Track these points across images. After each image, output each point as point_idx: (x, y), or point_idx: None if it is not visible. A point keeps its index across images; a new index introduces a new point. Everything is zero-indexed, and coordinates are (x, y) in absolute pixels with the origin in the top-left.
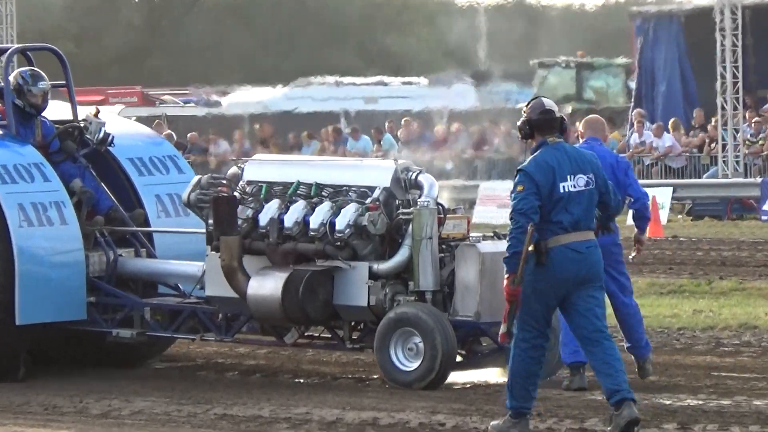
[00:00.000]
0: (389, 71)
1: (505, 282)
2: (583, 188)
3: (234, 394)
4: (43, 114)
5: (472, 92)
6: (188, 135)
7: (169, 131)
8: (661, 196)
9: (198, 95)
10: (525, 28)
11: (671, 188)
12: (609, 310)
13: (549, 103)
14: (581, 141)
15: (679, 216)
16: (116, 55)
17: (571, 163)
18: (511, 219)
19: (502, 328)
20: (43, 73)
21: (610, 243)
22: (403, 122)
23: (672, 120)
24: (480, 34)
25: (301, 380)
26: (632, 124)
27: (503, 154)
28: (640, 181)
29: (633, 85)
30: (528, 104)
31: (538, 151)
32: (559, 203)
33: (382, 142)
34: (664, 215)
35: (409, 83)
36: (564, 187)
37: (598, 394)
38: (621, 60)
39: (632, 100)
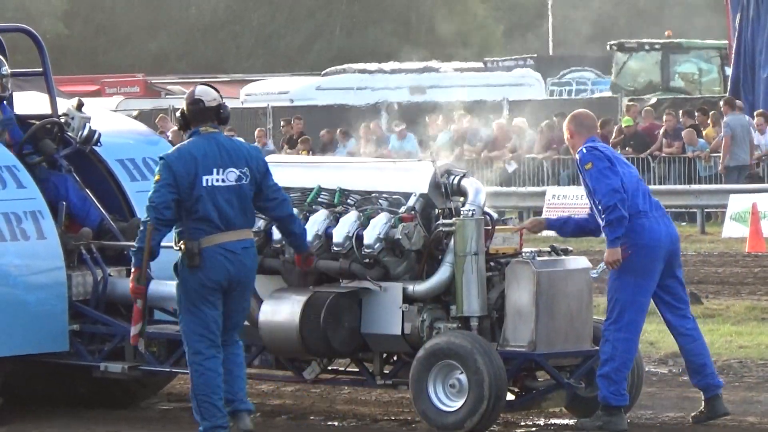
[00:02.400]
0: (439, 55)
1: (131, 277)
2: (233, 183)
3: None
4: (5, 105)
5: (537, 80)
6: None
7: (176, 128)
8: (763, 203)
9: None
10: (601, 3)
11: None
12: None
13: (202, 91)
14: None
15: None
16: (114, 36)
17: (221, 155)
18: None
19: (133, 330)
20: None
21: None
22: (456, 117)
23: None
24: (547, 11)
25: (335, 423)
26: None
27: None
28: (739, 185)
29: (729, 71)
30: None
31: (186, 141)
32: (203, 198)
33: (434, 143)
34: (766, 226)
35: (463, 69)
36: (208, 180)
37: None
38: (715, 41)
39: (728, 89)
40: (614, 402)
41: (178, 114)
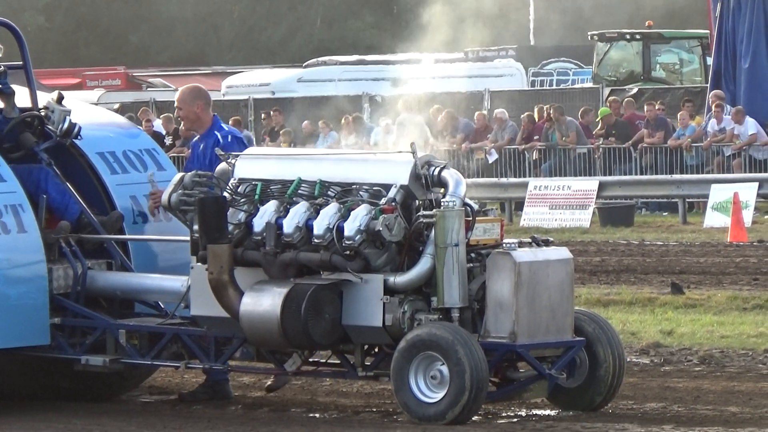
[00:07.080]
0: (420, 47)
1: None
2: None
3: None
4: None
5: (518, 70)
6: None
7: (168, 114)
8: (744, 192)
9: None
10: None
11: (757, 183)
12: None
13: None
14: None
15: (766, 216)
16: (95, 29)
17: None
18: None
19: None
20: None
21: None
22: (431, 111)
23: None
24: (528, 1)
25: (317, 415)
26: (710, 108)
27: (556, 145)
28: (720, 175)
29: (710, 60)
30: None
31: None
32: None
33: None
34: (748, 216)
35: (444, 60)
36: None
37: None
38: (696, 31)
39: (709, 79)
40: None
41: None
